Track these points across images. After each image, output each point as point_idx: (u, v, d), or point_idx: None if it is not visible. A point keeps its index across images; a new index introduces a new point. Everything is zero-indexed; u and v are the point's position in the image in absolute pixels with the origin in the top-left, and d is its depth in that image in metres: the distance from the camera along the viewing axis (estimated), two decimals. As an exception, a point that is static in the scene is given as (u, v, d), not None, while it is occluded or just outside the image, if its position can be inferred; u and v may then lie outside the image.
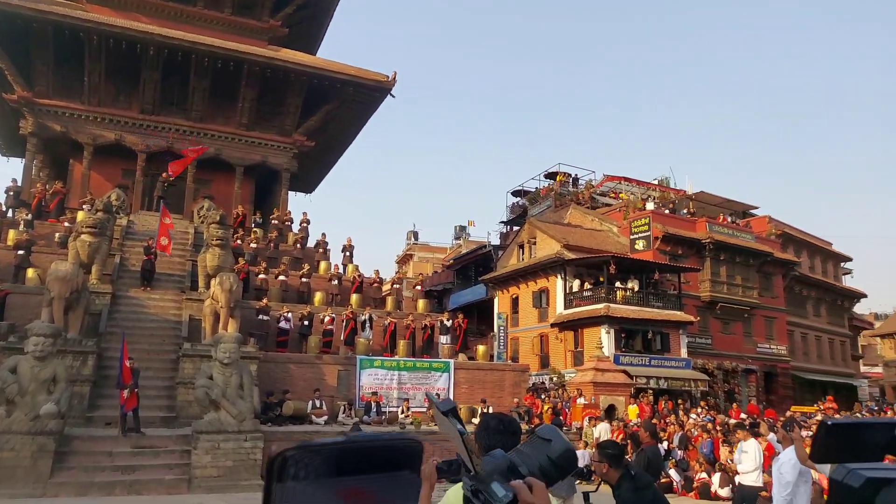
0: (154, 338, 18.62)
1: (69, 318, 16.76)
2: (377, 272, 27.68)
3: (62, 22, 25.36)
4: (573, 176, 44.10)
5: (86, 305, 17.55)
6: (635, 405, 23.14)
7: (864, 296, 49.63)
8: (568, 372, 28.20)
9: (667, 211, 36.32)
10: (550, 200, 40.91)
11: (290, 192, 32.05)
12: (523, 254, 35.09)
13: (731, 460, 15.70)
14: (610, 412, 22.53)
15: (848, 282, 49.34)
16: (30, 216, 22.86)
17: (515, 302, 34.66)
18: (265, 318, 20.89)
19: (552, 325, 31.02)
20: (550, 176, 43.67)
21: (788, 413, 22.84)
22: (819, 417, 21.36)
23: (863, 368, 54.87)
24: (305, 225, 29.16)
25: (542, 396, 23.99)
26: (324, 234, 28.76)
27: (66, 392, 14.07)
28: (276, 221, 28.30)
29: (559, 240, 31.94)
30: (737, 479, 10.51)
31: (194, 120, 28.81)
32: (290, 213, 29.87)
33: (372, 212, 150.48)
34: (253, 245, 25.48)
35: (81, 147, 27.26)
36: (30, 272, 19.82)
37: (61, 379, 14.07)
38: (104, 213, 20.47)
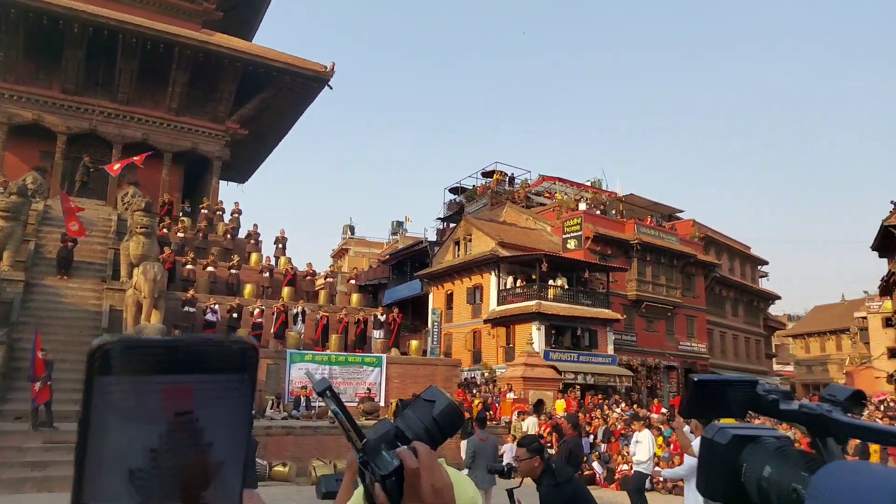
0: (71, 329, 17.76)
1: (-23, 307, 15.80)
2: (310, 265, 27.30)
3: (-26, -8, 23.79)
4: (510, 175, 44.74)
5: (-5, 294, 16.58)
6: (562, 400, 23.74)
7: (779, 297, 52.56)
8: (499, 367, 28.64)
9: (598, 212, 37.36)
10: (487, 198, 41.37)
11: (221, 181, 31.23)
12: (459, 250, 35.35)
13: (628, 451, 16.38)
14: (538, 407, 23.03)
15: (764, 284, 52.09)
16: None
17: (450, 298, 34.91)
18: (191, 309, 20.26)
19: (485, 321, 31.42)
20: (487, 174, 44.14)
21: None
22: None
23: (776, 366, 58.11)
24: (237, 215, 28.44)
25: (473, 391, 24.28)
26: (255, 226, 28.17)
27: (-29, 384, 13.26)
28: (206, 211, 27.46)
29: (494, 237, 32.35)
30: (634, 467, 11.05)
31: (120, 102, 27.62)
32: (221, 202, 29.06)
33: (308, 204, 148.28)
34: (180, 234, 24.67)
35: (-5, 126, 25.69)
36: (-68, 257, 18.55)
37: (-33, 371, 13.26)
38: (19, 197, 19.38)
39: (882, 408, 22.33)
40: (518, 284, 31.04)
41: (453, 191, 46.19)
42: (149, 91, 28.30)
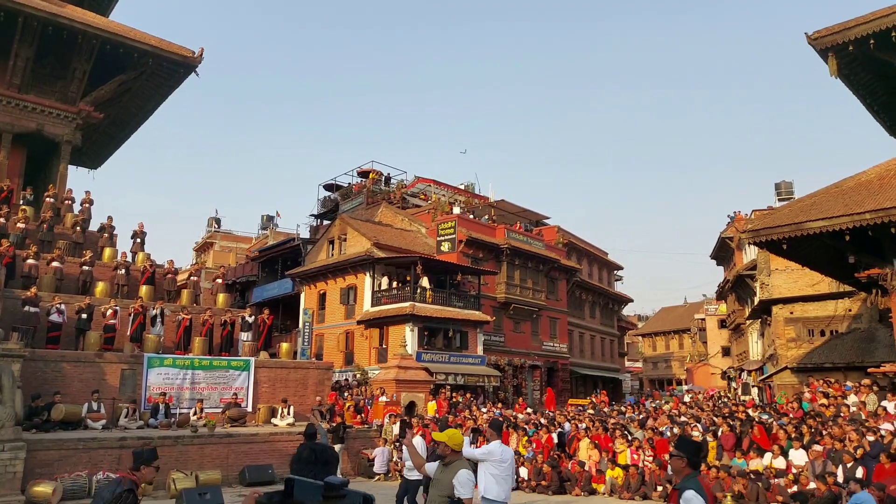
0: None
1: None
2: (171, 262, 25.55)
3: None
4: (386, 175, 44.74)
5: None
6: (434, 402, 24.07)
7: (631, 300, 56.77)
8: (372, 369, 28.53)
9: (471, 216, 38.30)
10: (363, 197, 41.07)
11: (71, 166, 28.44)
12: (333, 249, 34.79)
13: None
14: (410, 409, 23.20)
15: (619, 287, 56.04)
16: None
17: (323, 298, 34.26)
18: (33, 309, 18.25)
19: (359, 322, 31.17)
20: (364, 173, 43.84)
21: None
22: (591, 411, 23.95)
23: (627, 364, 62.74)
24: (88, 206, 25.97)
25: (345, 394, 23.99)
26: (110, 218, 25.84)
27: None
28: (52, 199, 24.87)
29: (370, 238, 32.17)
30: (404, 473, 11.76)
31: (-52, 73, 24.34)
32: (70, 191, 26.46)
33: (169, 196, 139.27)
34: (21, 225, 22.13)
35: None
36: None
37: None
38: None
39: (713, 404, 24.71)
40: (393, 286, 31.08)
41: (328, 187, 45.42)
42: (-15, 63, 25.16)
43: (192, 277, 26.26)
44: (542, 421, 20.94)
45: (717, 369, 50.82)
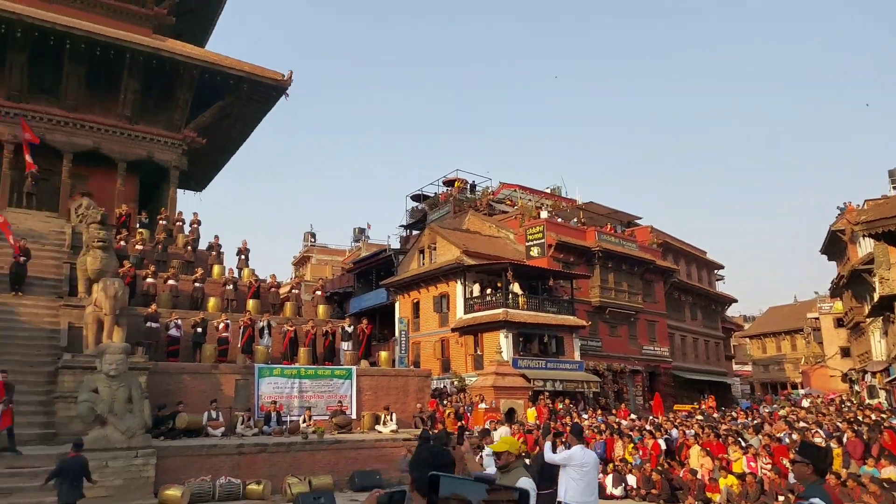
0: (28, 348, 16.82)
1: (-77, 328, 14.81)
2: (274, 276, 26.62)
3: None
4: (471, 182, 44.91)
5: (-57, 313, 15.58)
6: (534, 408, 23.75)
7: (735, 300, 54.08)
8: (469, 376, 28.54)
9: (559, 219, 37.77)
10: (449, 206, 41.36)
11: (179, 190, 30.22)
12: (424, 259, 35.19)
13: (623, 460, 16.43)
14: (510, 415, 23.00)
15: (720, 287, 53.54)
16: None
17: (417, 307, 34.68)
18: (154, 325, 19.47)
19: (453, 330, 31.31)
20: (449, 182, 44.19)
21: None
22: (699, 417, 22.92)
23: (734, 367, 59.77)
24: (196, 226, 27.51)
25: (445, 401, 24.07)
26: (217, 237, 27.25)
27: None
28: (165, 222, 26.51)
29: (459, 246, 32.31)
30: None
31: (69, 110, 26.42)
32: (180, 213, 28.13)
33: (267, 212, 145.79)
34: (138, 247, 23.69)
35: (-65, 135, 24.27)
36: None
37: (-85, 397, 12.38)
38: (-35, 210, 18.28)
39: (836, 409, 23.06)
40: (486, 293, 31.06)
41: (415, 198, 46.10)
42: (99, 98, 27.19)
43: (293, 290, 27.23)
44: (648, 427, 20.23)
45: (837, 371, 47.46)
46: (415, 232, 42.62)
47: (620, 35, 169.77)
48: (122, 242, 22.85)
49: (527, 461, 12.51)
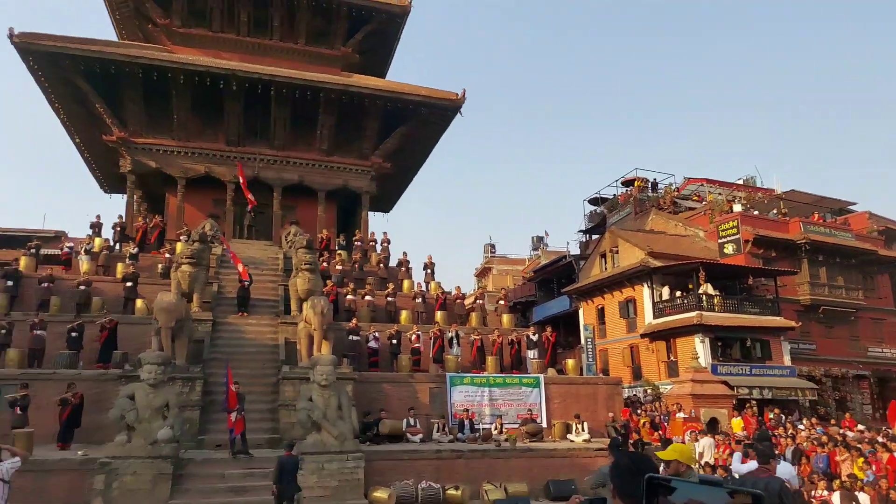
0: (254, 362, 19.21)
1: (176, 346, 17.53)
2: (458, 288, 27.68)
3: (151, 64, 26.88)
4: (651, 181, 43.05)
5: (190, 333, 18.33)
6: (739, 417, 22.06)
7: None
8: (663, 384, 27.28)
9: (755, 212, 34.80)
10: (630, 207, 39.98)
11: (371, 212, 32.63)
12: (606, 263, 34.37)
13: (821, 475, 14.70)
14: (712, 425, 21.57)
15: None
16: (135, 250, 24.20)
17: (601, 313, 33.93)
18: (356, 338, 21.21)
19: (642, 336, 30.15)
20: (628, 183, 42.77)
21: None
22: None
23: None
24: (386, 245, 29.55)
25: (639, 410, 23.22)
26: (405, 253, 29.09)
27: (178, 417, 14.69)
28: (360, 243, 28.82)
29: (643, 248, 31.10)
30: None
31: (277, 148, 29.84)
32: (373, 234, 30.41)
33: (447, 227, 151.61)
34: (339, 267, 26.00)
35: (174, 181, 28.69)
36: (138, 303, 20.91)
37: (173, 405, 14.70)
38: (200, 244, 21.36)
39: None
40: (676, 295, 29.53)
41: (593, 202, 45.22)
42: (301, 135, 30.39)
43: (477, 301, 28.10)
44: (881, 439, 17.82)
45: None
46: (594, 236, 41.76)
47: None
48: (325, 264, 25.19)
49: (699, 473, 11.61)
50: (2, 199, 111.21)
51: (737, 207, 34.84)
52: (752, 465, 6.98)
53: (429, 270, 28.53)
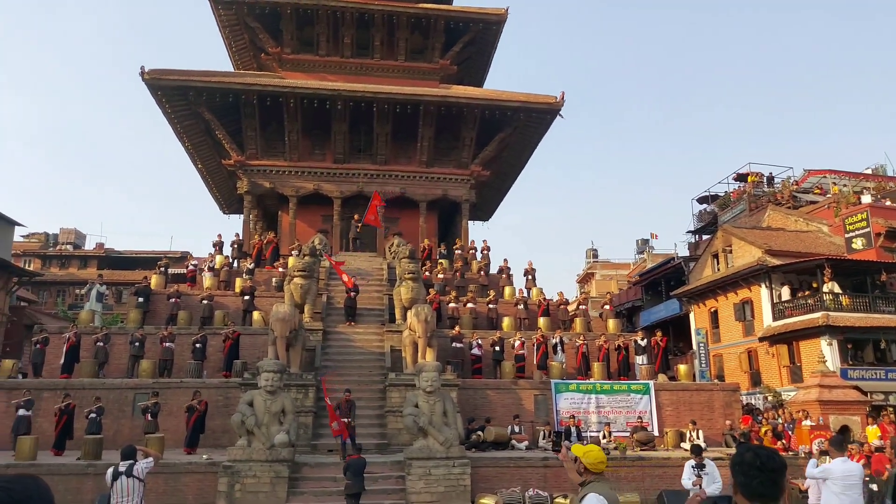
0: (362, 369, 19.90)
1: (290, 355, 18.50)
2: (561, 294, 27.31)
3: (264, 90, 28.72)
4: (767, 175, 40.58)
5: (303, 342, 19.29)
6: (875, 426, 20.23)
7: None
8: (785, 390, 25.54)
9: (887, 202, 31.93)
10: (744, 204, 37.85)
11: (470, 221, 32.92)
12: (718, 264, 32.71)
13: None
14: (843, 433, 19.91)
15: None
16: (251, 265, 25.80)
17: (715, 316, 32.28)
18: (459, 345, 21.43)
19: (761, 339, 28.38)
20: (741, 178, 40.54)
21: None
22: None
23: None
24: (487, 252, 29.71)
25: (759, 418, 21.87)
26: (506, 260, 29.09)
27: (293, 423, 15.48)
28: (460, 251, 29.17)
29: (759, 245, 29.34)
30: None
31: (380, 163, 30.85)
32: (473, 242, 30.68)
33: (547, 233, 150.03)
34: (440, 276, 26.42)
35: (286, 199, 30.37)
36: (255, 315, 22.28)
37: (289, 411, 15.50)
38: (311, 257, 22.47)
39: None
40: (798, 295, 27.60)
41: (702, 200, 43.21)
42: (402, 149, 31.28)
43: (580, 307, 27.59)
44: None
45: None
46: (705, 237, 39.86)
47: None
48: (428, 273, 25.68)
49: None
50: (137, 225, 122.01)
51: (865, 199, 32.15)
52: (826, 466, 6.86)
53: (530, 277, 28.36)
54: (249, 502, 14.21)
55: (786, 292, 28.16)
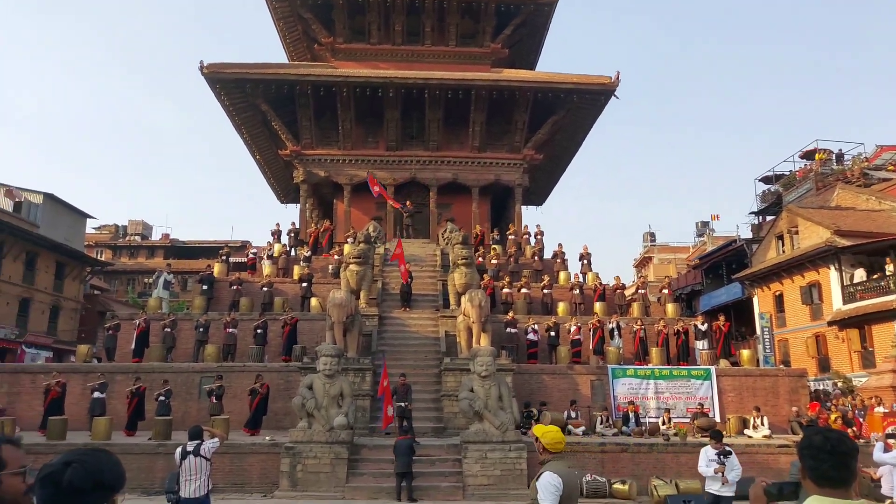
0: (418, 354, 20.10)
1: (347, 340, 18.83)
2: (618, 278, 26.82)
3: (318, 80, 29.13)
4: (836, 152, 38.71)
5: (359, 327, 19.60)
6: (954, 414, 19.17)
7: None
8: (856, 375, 24.49)
9: (970, 177, 30.02)
10: (810, 183, 36.27)
11: (523, 206, 32.67)
12: (783, 245, 31.51)
13: None
14: (920, 422, 18.95)
15: None
16: (308, 253, 26.35)
17: (779, 299, 31.16)
18: (513, 330, 21.36)
19: (830, 323, 27.25)
20: (807, 155, 38.81)
21: None
22: None
23: None
24: (540, 237, 29.44)
25: (828, 405, 21.06)
26: (560, 245, 28.74)
27: (352, 406, 15.79)
28: (513, 236, 29.00)
29: (828, 226, 28.09)
30: None
31: (432, 149, 30.90)
32: (526, 227, 30.44)
33: (603, 217, 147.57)
34: (494, 261, 26.34)
35: (341, 187, 30.81)
36: (313, 301, 22.78)
37: (347, 394, 15.81)
38: (365, 244, 22.77)
39: None
40: (869, 277, 26.33)
41: (765, 180, 41.62)
42: (454, 135, 31.22)
43: (638, 291, 27.06)
44: None
45: None
46: (769, 218, 38.41)
47: None
48: (481, 258, 25.66)
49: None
50: (200, 217, 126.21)
51: (944, 174, 30.30)
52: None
53: (585, 261, 27.99)
54: (311, 482, 14.60)
55: (857, 275, 26.91)
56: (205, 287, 23.82)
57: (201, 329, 20.80)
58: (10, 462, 2.02)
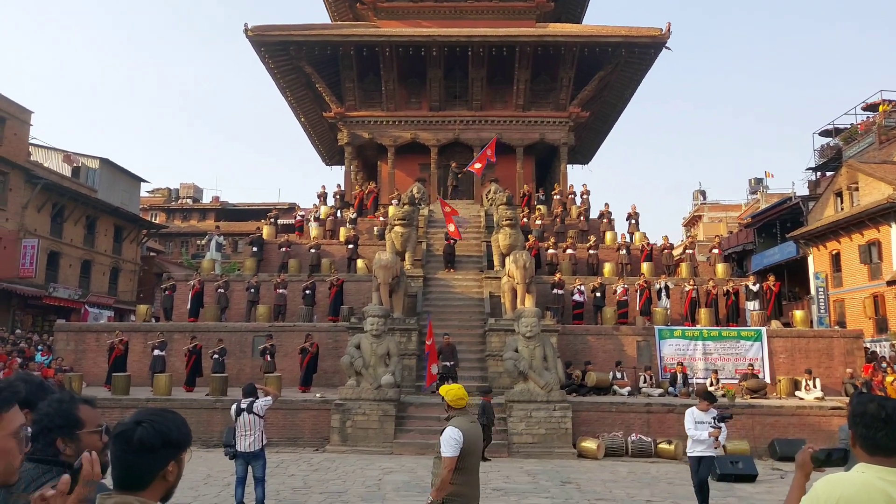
0: (462, 315, 20.30)
1: (393, 300, 19.14)
2: (666, 238, 26.30)
3: (361, 41, 28.94)
4: (903, 102, 36.56)
5: (405, 288, 19.88)
6: None
7: None
8: (916, 338, 23.64)
9: None
10: (873, 136, 34.48)
11: (569, 165, 32.15)
12: (842, 203, 30.28)
13: None
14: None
15: None
16: (353, 215, 26.64)
17: (836, 259, 30.11)
18: (559, 292, 21.30)
19: (889, 283, 26.25)
20: (870, 108, 36.79)
21: None
22: None
23: None
24: (586, 197, 29.01)
25: (884, 366, 20.47)
26: (607, 205, 28.25)
27: (398, 364, 16.15)
28: (559, 196, 28.65)
29: (890, 182, 26.83)
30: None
31: (475, 109, 30.54)
32: (571, 186, 30.02)
33: (651, 175, 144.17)
34: (539, 222, 26.16)
35: (385, 149, 30.84)
36: (359, 263, 23.13)
37: (394, 353, 16.16)
38: (410, 206, 22.87)
39: None
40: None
41: (825, 134, 39.69)
42: (498, 94, 30.76)
43: (687, 251, 26.55)
44: None
45: None
46: (827, 174, 36.83)
47: None
48: (526, 219, 25.50)
49: None
50: (248, 179, 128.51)
51: None
52: None
53: (632, 221, 27.50)
54: (360, 437, 15.09)
55: (921, 233, 25.75)
56: (255, 249, 24.43)
57: (252, 290, 21.42)
58: (88, 421, 2.18)
